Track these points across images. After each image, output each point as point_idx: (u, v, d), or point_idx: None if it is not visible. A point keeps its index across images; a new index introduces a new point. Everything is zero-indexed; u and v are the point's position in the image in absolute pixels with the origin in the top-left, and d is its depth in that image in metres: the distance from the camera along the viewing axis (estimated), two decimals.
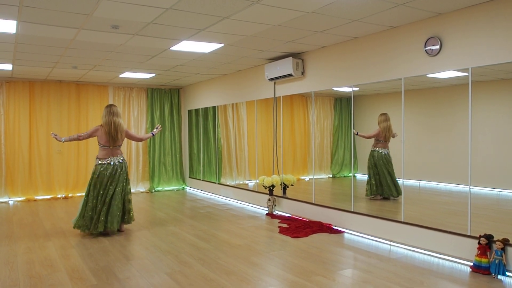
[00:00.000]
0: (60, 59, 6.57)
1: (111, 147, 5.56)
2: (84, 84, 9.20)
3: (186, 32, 5.02)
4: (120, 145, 5.70)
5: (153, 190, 9.88)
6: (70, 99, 8.99)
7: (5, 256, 4.63)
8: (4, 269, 4.17)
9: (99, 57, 6.47)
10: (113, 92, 9.59)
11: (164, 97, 10.14)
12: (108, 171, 5.51)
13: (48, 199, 8.71)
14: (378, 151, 5.78)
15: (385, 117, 5.63)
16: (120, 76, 8.37)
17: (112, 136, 5.51)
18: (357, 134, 5.71)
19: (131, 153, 9.75)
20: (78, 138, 5.57)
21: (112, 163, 5.55)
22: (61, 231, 5.81)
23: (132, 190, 9.58)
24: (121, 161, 5.64)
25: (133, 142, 9.70)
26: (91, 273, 4.03)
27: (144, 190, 9.89)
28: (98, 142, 5.62)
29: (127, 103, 9.74)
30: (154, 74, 8.28)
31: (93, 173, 5.56)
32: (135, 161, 9.79)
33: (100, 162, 5.55)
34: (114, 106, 5.66)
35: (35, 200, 8.59)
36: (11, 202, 8.37)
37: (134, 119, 9.80)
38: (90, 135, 5.55)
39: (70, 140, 5.57)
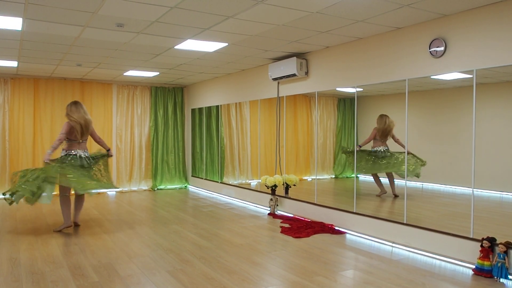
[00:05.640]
0: (64, 57, 6.60)
1: (79, 141, 5.75)
2: (88, 82, 9.23)
3: (190, 31, 5.03)
4: (86, 140, 5.87)
5: (155, 189, 9.90)
6: (74, 97, 9.00)
7: (8, 252, 4.65)
8: (7, 265, 4.20)
9: (104, 55, 6.49)
10: (117, 90, 9.61)
11: (168, 95, 10.15)
12: (78, 163, 5.65)
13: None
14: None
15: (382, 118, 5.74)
16: (124, 74, 8.39)
17: (82, 131, 5.73)
18: (360, 147, 5.79)
19: (134, 151, 9.78)
20: (60, 142, 5.62)
21: (78, 155, 5.70)
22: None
23: (134, 188, 9.68)
24: (87, 155, 5.82)
25: (136, 140, 9.78)
26: (93, 270, 4.04)
27: (146, 188, 9.91)
28: (66, 137, 5.68)
29: (131, 101, 9.76)
30: (158, 73, 8.30)
31: (58, 161, 5.64)
32: (138, 159, 9.81)
33: (67, 152, 5.68)
34: (81, 103, 5.86)
35: None
36: None
37: (138, 117, 9.83)
38: (67, 134, 5.62)
39: (55, 149, 5.56)
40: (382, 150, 5.70)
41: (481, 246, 3.90)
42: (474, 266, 3.96)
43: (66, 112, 5.73)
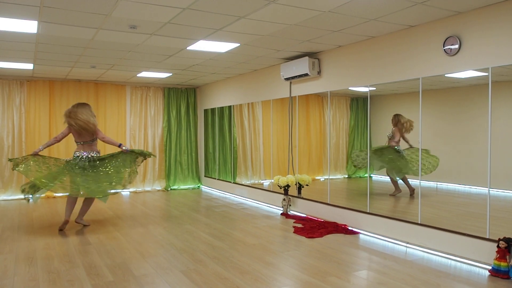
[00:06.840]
0: (79, 59, 6.69)
1: (81, 143, 5.90)
2: (102, 83, 9.35)
3: (202, 31, 5.05)
4: (90, 142, 5.92)
5: (169, 189, 9.97)
6: (89, 98, 9.12)
7: (25, 251, 4.73)
8: (24, 264, 4.27)
9: (117, 57, 6.56)
10: (130, 91, 9.71)
11: (181, 96, 10.22)
12: (80, 164, 5.82)
13: (67, 196, 8.83)
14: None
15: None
16: (138, 75, 8.47)
17: (80, 133, 5.87)
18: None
19: None
20: (54, 141, 5.94)
21: (81, 157, 5.85)
22: (79, 228, 5.92)
23: (148, 188, 9.77)
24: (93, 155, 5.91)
25: (149, 141, 9.87)
26: (107, 269, 4.09)
27: (160, 188, 9.99)
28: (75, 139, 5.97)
29: (144, 102, 9.85)
30: (170, 74, 8.35)
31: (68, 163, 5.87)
32: (151, 160, 9.88)
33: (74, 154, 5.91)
34: (82, 105, 5.95)
35: (54, 197, 8.75)
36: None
37: (151, 118, 9.91)
38: (64, 135, 5.92)
39: (47, 146, 5.91)
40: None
41: (498, 246, 3.83)
42: (490, 267, 3.90)
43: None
